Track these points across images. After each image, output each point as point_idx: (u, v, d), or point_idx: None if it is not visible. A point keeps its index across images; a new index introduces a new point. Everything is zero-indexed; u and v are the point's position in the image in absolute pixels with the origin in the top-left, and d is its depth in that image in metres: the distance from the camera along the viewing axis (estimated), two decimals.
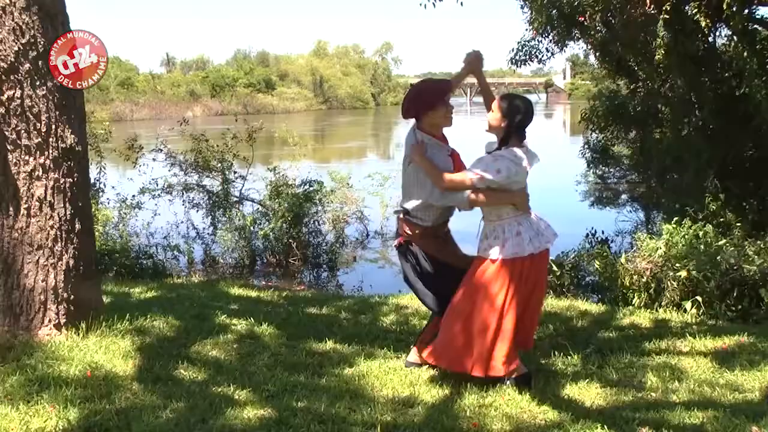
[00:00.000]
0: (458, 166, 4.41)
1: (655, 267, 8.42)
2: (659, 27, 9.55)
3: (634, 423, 3.72)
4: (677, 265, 8.24)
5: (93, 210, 6.60)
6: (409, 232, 4.56)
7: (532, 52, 17.28)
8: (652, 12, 9.53)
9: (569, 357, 5.15)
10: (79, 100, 5.05)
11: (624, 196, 23.12)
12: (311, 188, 11.99)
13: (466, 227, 4.86)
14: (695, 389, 4.57)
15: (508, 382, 4.34)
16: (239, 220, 11.72)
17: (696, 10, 9.26)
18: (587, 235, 15.54)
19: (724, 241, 8.85)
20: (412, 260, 4.58)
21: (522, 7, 16.42)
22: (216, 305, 6.72)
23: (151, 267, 10.24)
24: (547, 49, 16.75)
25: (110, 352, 4.72)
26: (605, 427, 3.64)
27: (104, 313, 5.30)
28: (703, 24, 9.29)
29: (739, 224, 10.05)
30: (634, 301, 7.89)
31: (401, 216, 4.62)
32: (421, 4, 13.33)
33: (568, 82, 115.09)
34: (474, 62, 4.72)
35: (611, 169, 23.76)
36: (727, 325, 6.69)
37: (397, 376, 4.56)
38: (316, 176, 13.22)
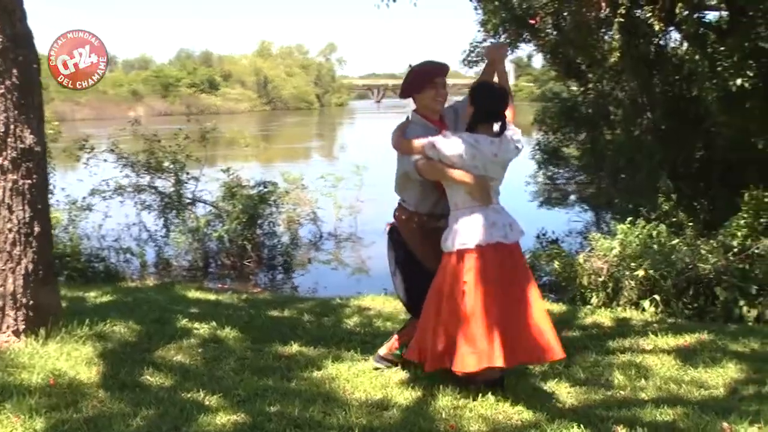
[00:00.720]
0: None
1: (611, 266, 8.56)
2: (614, 30, 9.69)
3: (609, 422, 3.74)
4: (633, 264, 8.38)
5: None
6: (397, 215, 4.49)
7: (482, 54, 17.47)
8: (608, 15, 9.66)
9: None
10: (37, 99, 4.88)
11: (572, 197, 23.40)
12: (266, 189, 11.86)
13: None
14: (662, 386, 4.63)
15: (478, 383, 4.32)
16: (192, 222, 11.53)
17: (650, 14, 9.41)
18: (538, 235, 15.75)
19: (677, 240, 9.01)
20: (395, 249, 4.52)
21: (476, 8, 16.62)
22: (175, 309, 6.59)
23: (103, 271, 10.01)
24: None
25: (72, 359, 4.58)
26: (581, 426, 3.65)
27: (62, 318, 5.16)
28: (656, 27, 9.46)
29: (691, 224, 10.25)
30: (592, 300, 7.98)
31: (399, 201, 4.55)
32: (375, 5, 13.34)
33: (512, 84, 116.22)
34: (494, 52, 4.76)
35: (560, 170, 24.06)
36: (686, 323, 6.81)
37: (367, 379, 4.51)
38: (268, 177, 13.12)
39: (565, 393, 4.43)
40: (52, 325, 4.95)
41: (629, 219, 9.88)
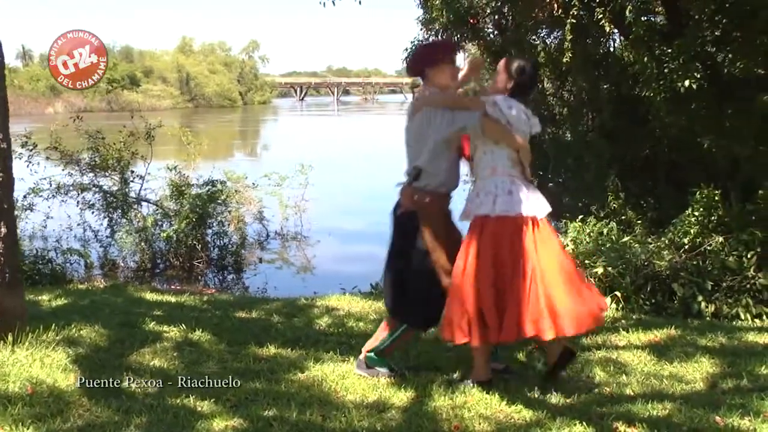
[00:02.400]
0: None
1: None
2: (567, 30, 9.82)
3: (608, 419, 3.77)
4: (587, 261, 8.51)
5: None
6: (416, 199, 4.26)
7: None
8: (560, 15, 9.79)
9: (515, 355, 5.19)
10: (1, 93, 4.66)
11: None
12: (214, 188, 11.63)
13: None
14: (644, 382, 4.69)
15: (469, 383, 4.31)
16: (139, 221, 11.23)
17: (601, 15, 9.57)
18: None
19: (627, 238, 9.19)
20: (405, 238, 4.32)
21: (420, 7, 16.63)
22: (138, 312, 6.39)
23: (49, 273, 9.64)
24: None
25: (47, 366, 4.40)
26: (583, 423, 3.67)
27: (27, 323, 4.95)
28: (607, 29, 9.62)
29: (639, 222, 10.46)
30: None
31: (409, 184, 4.30)
32: (320, 2, 13.20)
33: None
34: (476, 66, 4.77)
35: None
36: (651, 319, 6.93)
37: (355, 381, 4.45)
38: (205, 176, 12.89)
39: (552, 391, 4.44)
40: (19, 330, 4.74)
41: (581, 217, 10.05)
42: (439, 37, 16.71)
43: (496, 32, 17.06)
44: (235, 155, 33.89)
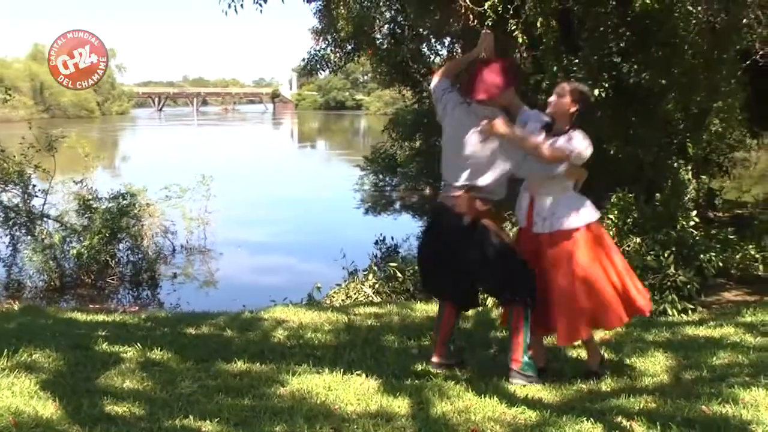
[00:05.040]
0: None
1: None
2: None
3: (609, 414, 3.91)
4: None
5: None
6: (477, 206, 4.68)
7: (323, 62, 17.62)
8: (475, 26, 10.03)
9: (482, 357, 5.31)
10: None
11: (398, 203, 24.02)
12: (124, 201, 11.20)
13: None
14: (617, 378, 4.90)
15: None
16: (45, 238, 10.65)
17: (515, 27, 9.89)
18: (376, 241, 16.07)
19: None
20: (490, 240, 4.70)
21: (315, 16, 16.71)
22: (81, 333, 6.08)
23: None
24: (340, 57, 17.17)
25: (17, 394, 4.10)
26: (590, 419, 3.79)
27: None
28: (520, 40, 9.94)
29: None
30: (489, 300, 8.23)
31: (465, 193, 4.68)
32: (223, 11, 13.01)
33: (294, 93, 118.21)
34: (487, 40, 4.90)
35: (389, 177, 24.67)
36: None
37: (344, 392, 4.39)
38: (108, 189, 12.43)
39: (535, 390, 4.56)
40: None
41: None
42: (337, 46, 16.92)
43: (391, 41, 17.41)
44: (114, 167, 32.80)
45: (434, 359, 5.06)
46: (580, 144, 4.57)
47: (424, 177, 23.14)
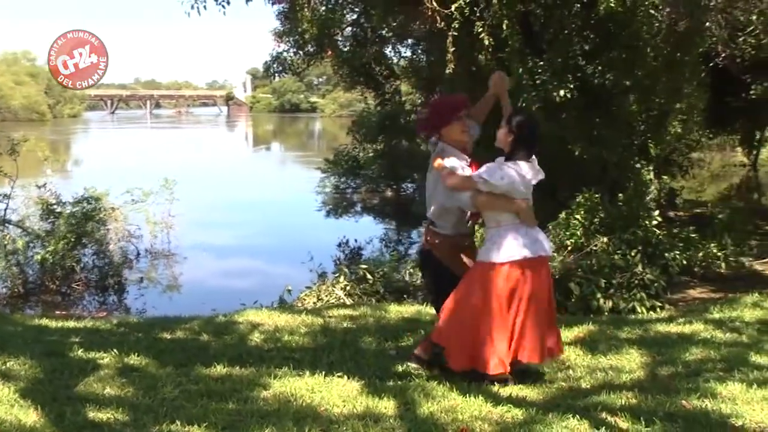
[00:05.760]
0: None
1: None
2: (448, 43, 10.16)
3: (595, 410, 3.97)
4: None
5: None
6: (429, 239, 4.79)
7: (286, 64, 17.52)
8: (442, 29, 10.11)
9: None
10: None
11: (360, 206, 24.01)
12: (89, 206, 11.04)
13: None
14: (593, 375, 4.99)
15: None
16: (9, 244, 10.44)
17: (481, 29, 9.98)
18: (340, 243, 16.11)
19: None
20: (435, 273, 4.83)
21: (278, 19, 16.63)
22: (54, 340, 6.00)
23: None
24: (303, 60, 17.10)
25: None
26: (576, 416, 3.84)
27: None
28: (486, 42, 10.03)
29: None
30: None
31: (428, 226, 4.84)
32: (185, 12, 12.92)
33: (249, 96, 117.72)
34: (499, 83, 4.97)
35: (350, 179, 24.66)
36: (564, 316, 7.29)
37: (328, 394, 4.39)
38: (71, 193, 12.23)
39: (516, 388, 4.61)
40: None
41: None
42: (301, 49, 16.85)
43: (354, 44, 17.42)
44: (68, 170, 32.23)
45: (415, 351, 5.13)
46: (487, 171, 4.46)
47: (386, 179, 23.22)
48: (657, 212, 10.03)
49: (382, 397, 4.25)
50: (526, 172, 4.47)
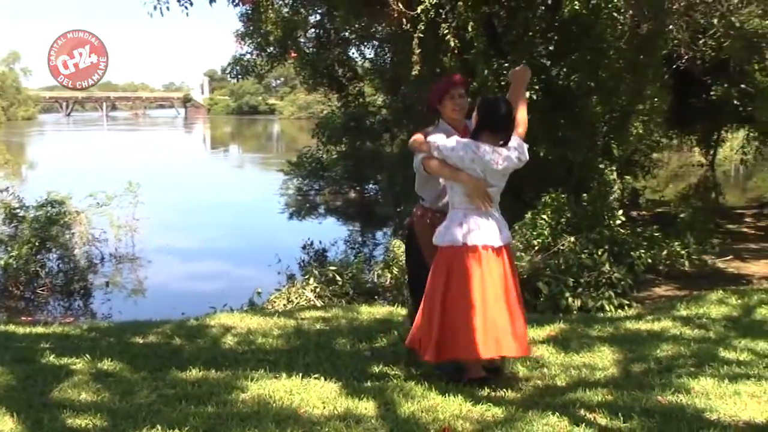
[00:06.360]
0: None
1: None
2: (414, 45, 10.20)
3: (574, 407, 4.03)
4: None
5: None
6: (414, 211, 5.00)
7: (249, 66, 17.46)
8: (408, 30, 10.14)
9: None
10: None
11: (323, 207, 23.95)
12: (54, 210, 10.87)
13: None
14: (567, 373, 5.04)
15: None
16: None
17: (446, 31, 10.04)
18: (304, 246, 16.08)
19: None
20: (411, 253, 5.09)
21: (240, 20, 16.53)
22: (23, 346, 5.91)
23: None
24: (266, 62, 17.05)
25: None
26: (556, 414, 3.89)
27: None
28: (452, 44, 10.09)
29: None
30: None
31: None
32: (148, 13, 12.79)
33: (206, 98, 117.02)
34: (514, 73, 4.99)
35: (313, 181, 24.60)
36: (536, 315, 7.37)
37: (307, 395, 4.38)
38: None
39: (494, 388, 4.65)
40: None
41: None
42: (263, 51, 16.80)
43: (317, 46, 17.42)
44: (22, 174, 31.68)
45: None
46: (443, 140, 4.46)
47: (349, 180, 23.22)
48: (621, 212, 10.18)
49: (361, 398, 4.26)
50: (485, 154, 4.39)
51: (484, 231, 4.45)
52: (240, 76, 17.68)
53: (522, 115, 4.73)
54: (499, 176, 4.51)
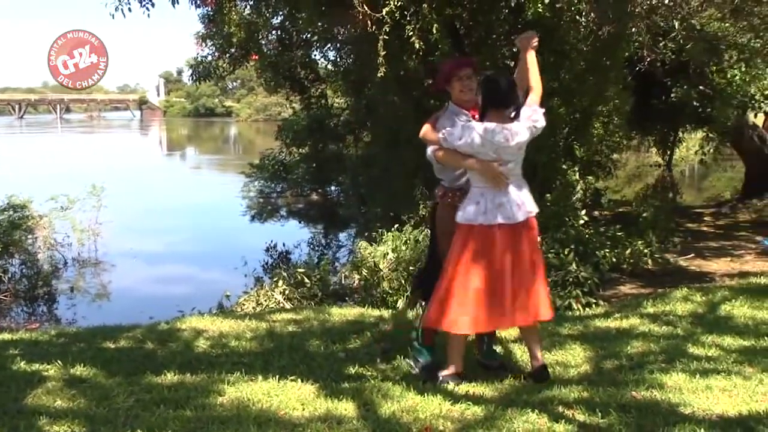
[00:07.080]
0: None
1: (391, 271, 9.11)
2: (379, 47, 10.19)
3: (552, 404, 4.09)
4: (411, 268, 8.99)
5: None
6: (436, 191, 5.02)
7: (211, 68, 17.30)
8: (373, 31, 10.13)
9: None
10: None
11: (284, 210, 23.85)
12: (16, 214, 10.69)
13: None
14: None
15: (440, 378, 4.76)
16: None
17: (412, 33, 10.06)
18: (267, 248, 16.03)
19: None
20: (432, 221, 5.13)
21: (201, 20, 16.39)
22: None
23: None
24: (229, 64, 16.92)
25: None
26: (535, 411, 3.95)
27: None
28: (417, 46, 10.11)
29: None
30: (399, 303, 8.39)
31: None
32: (110, 14, 12.61)
33: (162, 100, 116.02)
34: (523, 38, 4.87)
35: (275, 184, 24.48)
36: None
37: (284, 398, 4.40)
38: None
39: (472, 387, 4.70)
40: None
41: (396, 226, 10.52)
42: (221, 52, 16.68)
43: (279, 48, 17.34)
44: None
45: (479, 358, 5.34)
46: (449, 130, 4.56)
47: (312, 182, 23.17)
48: (584, 212, 10.33)
49: (340, 399, 4.28)
50: (493, 135, 4.44)
51: (500, 209, 4.53)
52: (201, 79, 17.52)
53: (535, 78, 4.71)
54: (515, 150, 4.55)
